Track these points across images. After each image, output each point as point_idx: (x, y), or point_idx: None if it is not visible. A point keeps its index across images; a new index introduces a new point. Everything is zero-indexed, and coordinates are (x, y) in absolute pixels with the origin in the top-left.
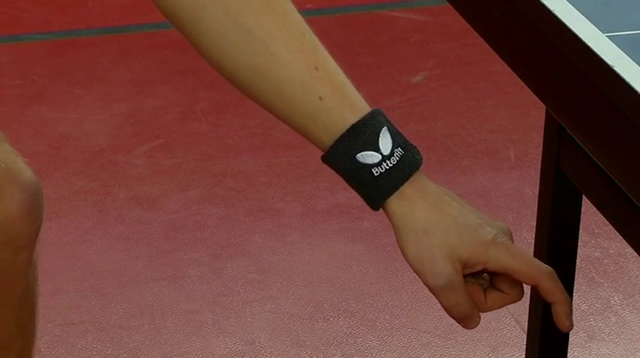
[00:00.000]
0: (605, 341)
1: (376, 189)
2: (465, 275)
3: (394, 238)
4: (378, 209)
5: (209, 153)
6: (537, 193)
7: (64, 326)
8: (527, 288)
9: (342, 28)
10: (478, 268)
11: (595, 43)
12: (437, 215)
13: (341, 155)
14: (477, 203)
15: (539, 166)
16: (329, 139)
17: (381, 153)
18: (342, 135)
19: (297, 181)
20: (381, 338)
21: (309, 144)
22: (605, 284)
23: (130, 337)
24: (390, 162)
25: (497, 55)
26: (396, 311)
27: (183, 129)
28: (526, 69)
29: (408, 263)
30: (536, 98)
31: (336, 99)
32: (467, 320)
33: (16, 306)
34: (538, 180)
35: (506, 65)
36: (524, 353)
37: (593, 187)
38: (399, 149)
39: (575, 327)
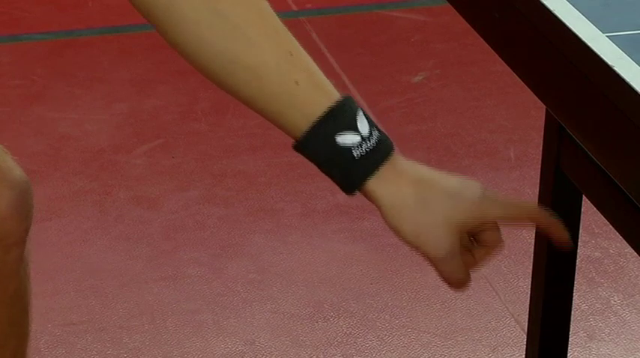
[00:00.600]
0: (605, 341)
1: (357, 171)
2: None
3: (394, 238)
4: (355, 192)
5: (209, 153)
6: (537, 193)
7: (64, 326)
8: (527, 289)
9: (342, 28)
10: (477, 226)
11: (595, 43)
12: (424, 188)
13: (320, 138)
14: None
15: (539, 166)
16: (306, 124)
17: (361, 135)
18: (321, 118)
19: (297, 181)
20: (381, 338)
21: None
22: (605, 284)
23: (130, 337)
24: (370, 143)
25: (497, 55)
26: (396, 311)
27: (183, 129)
28: (526, 69)
29: (405, 240)
30: (536, 98)
31: (312, 83)
32: (461, 283)
33: (8, 305)
34: (538, 180)
35: (506, 65)
36: (524, 353)
37: (593, 187)
38: (375, 130)
39: (575, 327)
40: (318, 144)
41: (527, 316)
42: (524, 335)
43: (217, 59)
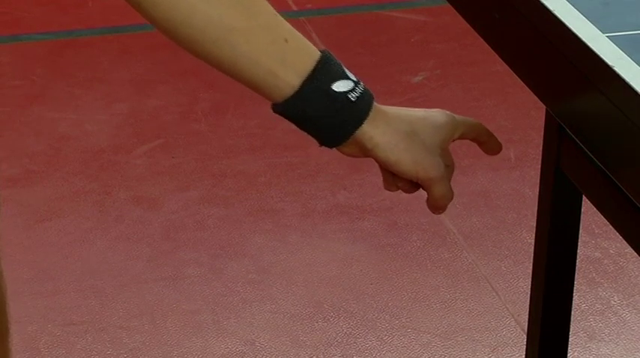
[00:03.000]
0: (605, 341)
1: (354, 115)
2: None
3: (394, 238)
4: (349, 139)
5: (209, 153)
6: (537, 193)
7: (64, 326)
8: (527, 289)
9: (342, 28)
10: (450, 143)
11: (595, 43)
12: (407, 120)
13: (315, 89)
14: (477, 203)
15: (539, 166)
16: (298, 79)
17: (353, 80)
18: (314, 70)
19: (297, 181)
20: (381, 338)
21: (309, 145)
22: (605, 284)
23: (130, 337)
24: (361, 87)
25: (497, 55)
26: (396, 311)
27: (183, 129)
28: (526, 69)
29: (405, 170)
30: (536, 98)
31: (298, 39)
32: (449, 200)
33: None
34: (538, 180)
35: (506, 65)
36: (524, 353)
37: (593, 187)
38: (356, 76)
39: (575, 327)
40: (314, 96)
41: (527, 316)
42: (524, 335)
43: (208, 27)
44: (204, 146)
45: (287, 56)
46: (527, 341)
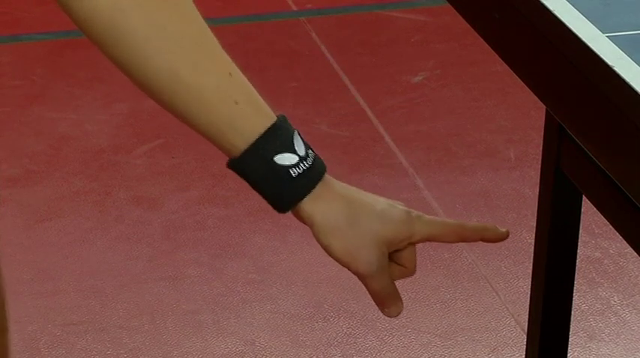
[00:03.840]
0: (605, 341)
1: (292, 190)
2: None
3: None
4: (288, 211)
5: (209, 153)
6: (537, 193)
7: (64, 326)
8: (527, 289)
9: (342, 28)
10: (403, 244)
11: (595, 43)
12: (355, 207)
13: (257, 158)
14: (477, 203)
15: (539, 166)
16: (244, 143)
17: (298, 155)
18: (259, 138)
19: None
20: (381, 338)
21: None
22: (605, 284)
23: (130, 337)
24: (307, 163)
25: (497, 55)
26: None
27: (183, 129)
28: (526, 69)
29: (336, 258)
30: (536, 98)
31: (250, 103)
32: (393, 302)
33: None
34: (538, 180)
35: (506, 65)
36: (524, 353)
37: (593, 187)
38: (310, 151)
39: (575, 327)
40: (255, 164)
41: (527, 316)
42: (524, 335)
43: (160, 78)
44: (204, 146)
45: (234, 119)
46: (527, 341)
